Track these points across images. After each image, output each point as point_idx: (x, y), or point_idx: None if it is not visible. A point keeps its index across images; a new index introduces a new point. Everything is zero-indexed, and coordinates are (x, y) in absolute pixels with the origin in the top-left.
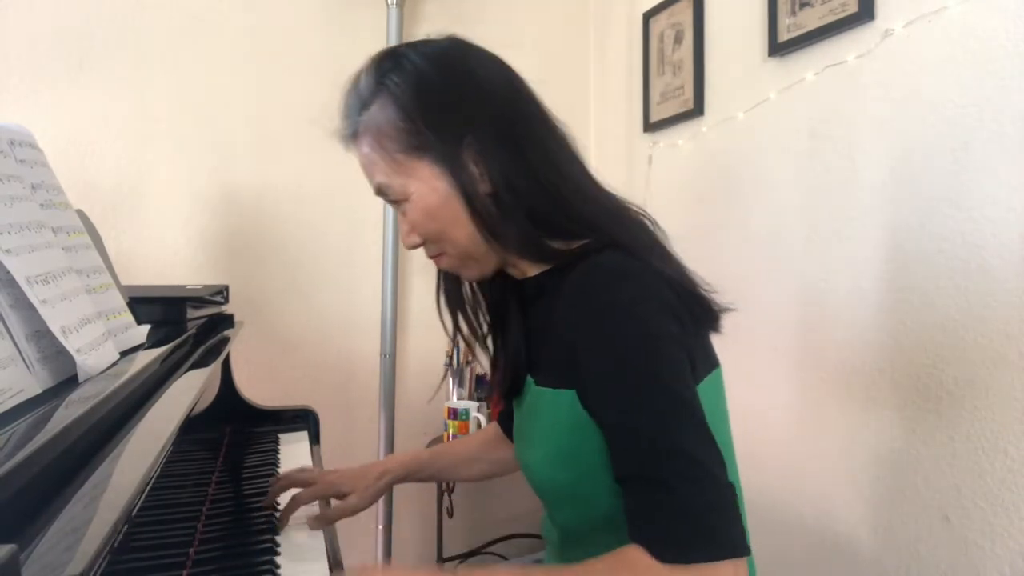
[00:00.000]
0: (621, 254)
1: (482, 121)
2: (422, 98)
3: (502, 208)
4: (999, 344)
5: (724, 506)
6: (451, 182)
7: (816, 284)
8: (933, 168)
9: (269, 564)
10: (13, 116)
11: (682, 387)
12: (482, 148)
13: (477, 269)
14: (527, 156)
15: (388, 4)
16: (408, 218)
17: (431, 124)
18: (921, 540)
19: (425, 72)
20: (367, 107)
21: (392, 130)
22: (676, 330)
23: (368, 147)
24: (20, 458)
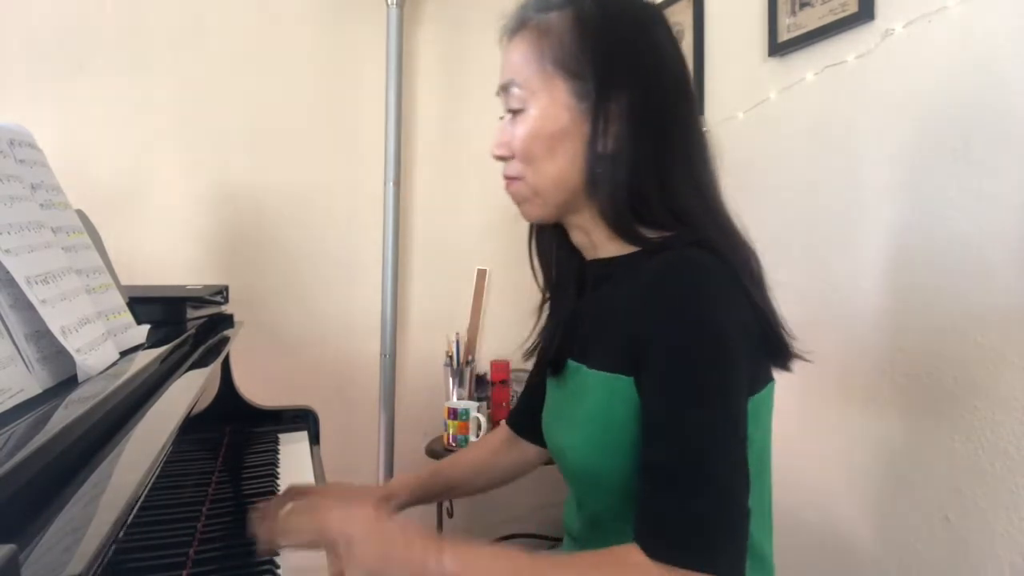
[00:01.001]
0: (706, 252)
1: (644, 87)
2: (604, 32)
3: (614, 169)
4: (999, 344)
5: (731, 526)
6: (582, 120)
7: (816, 284)
8: (933, 168)
9: (269, 564)
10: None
11: (734, 403)
12: (629, 110)
13: (540, 209)
14: (665, 138)
15: (388, 4)
16: (514, 129)
17: (598, 59)
18: (921, 540)
19: (620, 14)
20: (549, 9)
21: (559, 41)
22: (745, 344)
23: (525, 42)
24: (20, 458)
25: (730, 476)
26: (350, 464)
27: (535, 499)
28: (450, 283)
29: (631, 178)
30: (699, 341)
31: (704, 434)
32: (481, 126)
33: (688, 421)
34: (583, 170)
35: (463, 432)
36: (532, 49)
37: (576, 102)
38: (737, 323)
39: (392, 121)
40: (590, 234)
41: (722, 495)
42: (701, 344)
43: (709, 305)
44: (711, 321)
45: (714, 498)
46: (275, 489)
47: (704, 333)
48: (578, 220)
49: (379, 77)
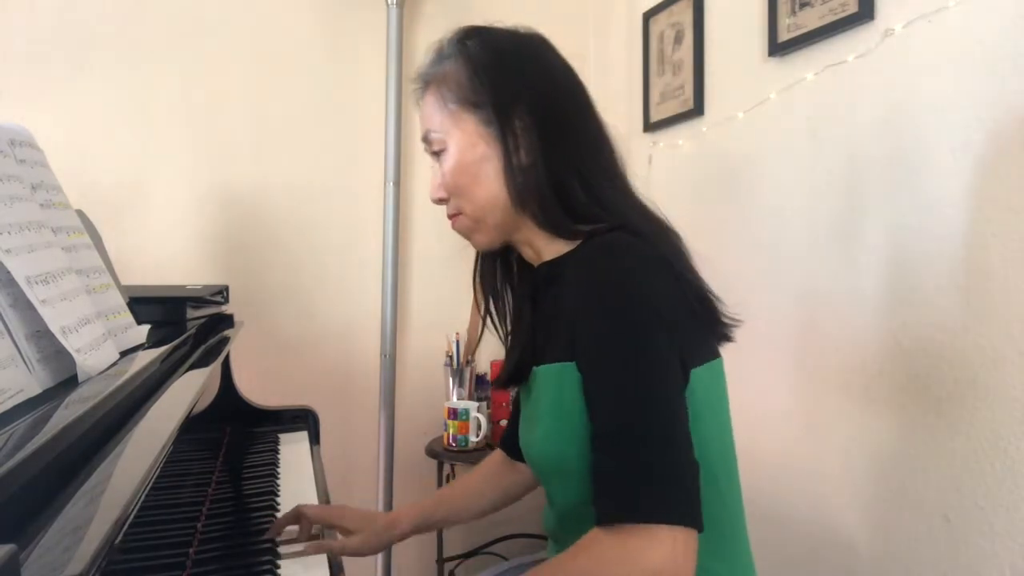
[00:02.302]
0: (631, 235)
1: (538, 98)
2: (492, 63)
3: (535, 178)
4: (999, 344)
5: (674, 475)
6: (492, 143)
7: (816, 284)
8: (933, 168)
9: (269, 564)
10: (13, 116)
11: (663, 363)
12: (531, 122)
13: (486, 235)
14: (571, 140)
15: (388, 4)
16: (442, 169)
17: (491, 85)
18: (921, 540)
19: (501, 44)
20: (443, 61)
21: (455, 83)
22: (669, 312)
23: (431, 95)
24: (20, 458)
25: (669, 432)
26: (350, 464)
27: (534, 499)
28: (450, 283)
29: (550, 178)
30: (620, 311)
31: (637, 396)
32: None
33: (621, 386)
34: (509, 188)
35: (463, 432)
36: (436, 99)
37: (484, 129)
38: (656, 295)
39: (392, 121)
40: (533, 244)
41: (662, 450)
42: (623, 313)
43: (628, 277)
44: (630, 292)
45: (656, 453)
46: (275, 489)
47: (624, 303)
48: (520, 236)
49: (379, 77)
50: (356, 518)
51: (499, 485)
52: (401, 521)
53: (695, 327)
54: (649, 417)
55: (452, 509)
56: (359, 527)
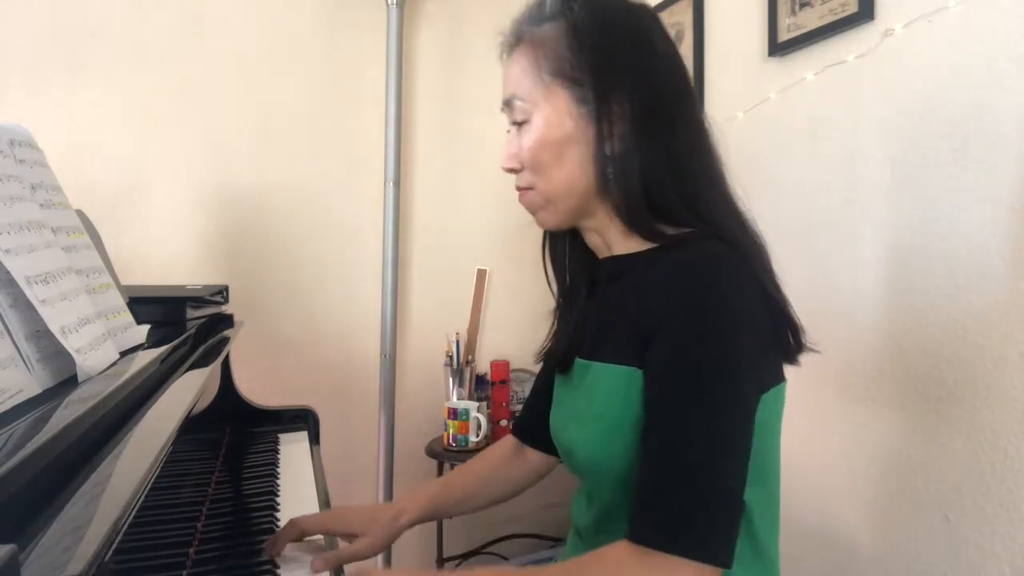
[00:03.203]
0: (726, 247)
1: (642, 86)
2: (598, 37)
3: (624, 169)
4: (999, 344)
5: (719, 516)
6: (584, 125)
7: (816, 284)
8: (933, 168)
9: (269, 564)
10: (13, 116)
11: (740, 397)
12: (630, 108)
13: (554, 216)
14: (670, 132)
15: (388, 4)
16: (520, 140)
17: (595, 63)
18: (921, 540)
19: (611, 17)
20: (543, 22)
21: (554, 51)
22: (756, 340)
23: (523, 56)
24: (20, 458)
25: (726, 471)
26: (350, 464)
27: (535, 499)
28: (450, 283)
29: (643, 175)
30: (708, 334)
31: (705, 428)
32: (481, 126)
33: (691, 414)
34: (593, 173)
35: (463, 432)
36: (529, 62)
37: (577, 108)
38: (749, 319)
39: (392, 121)
40: (604, 234)
41: (715, 489)
42: (711, 339)
43: (721, 299)
44: (722, 315)
45: (706, 491)
46: (275, 489)
47: (714, 326)
48: (591, 223)
49: (379, 77)
50: (358, 520)
51: (507, 475)
52: (406, 510)
53: (770, 349)
54: (710, 448)
55: (458, 497)
56: (363, 528)
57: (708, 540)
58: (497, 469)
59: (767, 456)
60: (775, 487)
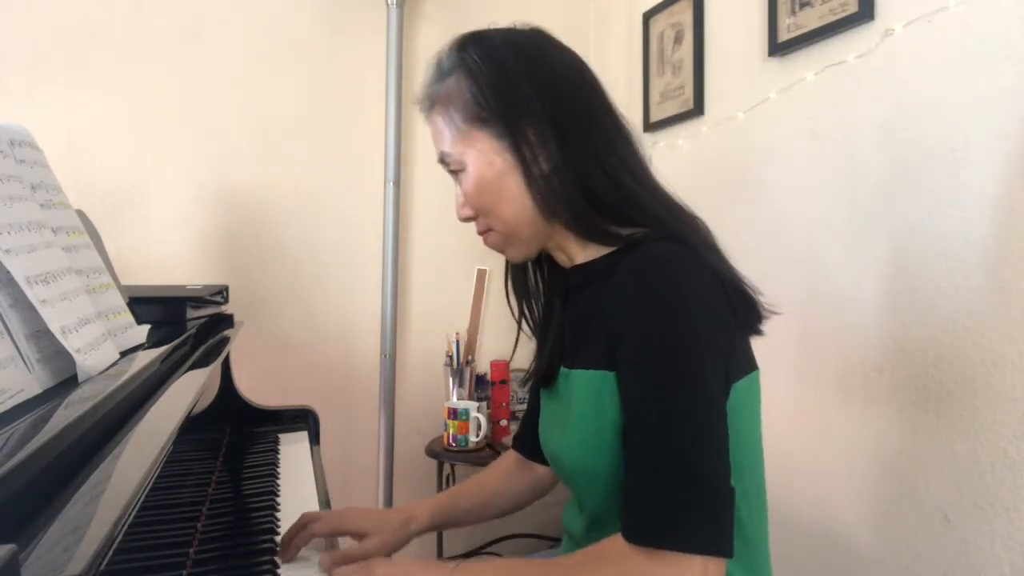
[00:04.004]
0: (677, 245)
1: (547, 102)
2: (495, 74)
3: (560, 184)
4: (999, 344)
5: (713, 504)
6: (509, 157)
7: (816, 284)
8: (933, 168)
9: (269, 564)
10: (13, 116)
11: (710, 386)
12: (545, 129)
13: (521, 249)
14: (589, 140)
15: (388, 4)
16: (463, 189)
17: (499, 98)
18: (921, 540)
19: (502, 52)
20: (444, 79)
21: (461, 100)
22: (718, 330)
23: (438, 115)
24: (20, 458)
25: (710, 458)
26: (350, 464)
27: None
28: (450, 283)
29: (575, 181)
30: (671, 330)
31: (682, 419)
32: None
33: (666, 408)
34: (535, 199)
35: (463, 432)
36: (444, 118)
37: (498, 143)
38: (708, 310)
39: (392, 121)
40: (566, 250)
41: (704, 477)
42: (673, 333)
43: (678, 295)
44: (680, 310)
45: (696, 480)
46: (275, 489)
47: (675, 322)
48: (554, 244)
49: (379, 77)
50: (368, 520)
51: (514, 487)
52: (417, 517)
53: (739, 337)
54: (691, 439)
55: (467, 508)
56: (374, 528)
57: (709, 532)
58: (503, 483)
59: (749, 447)
60: (760, 479)
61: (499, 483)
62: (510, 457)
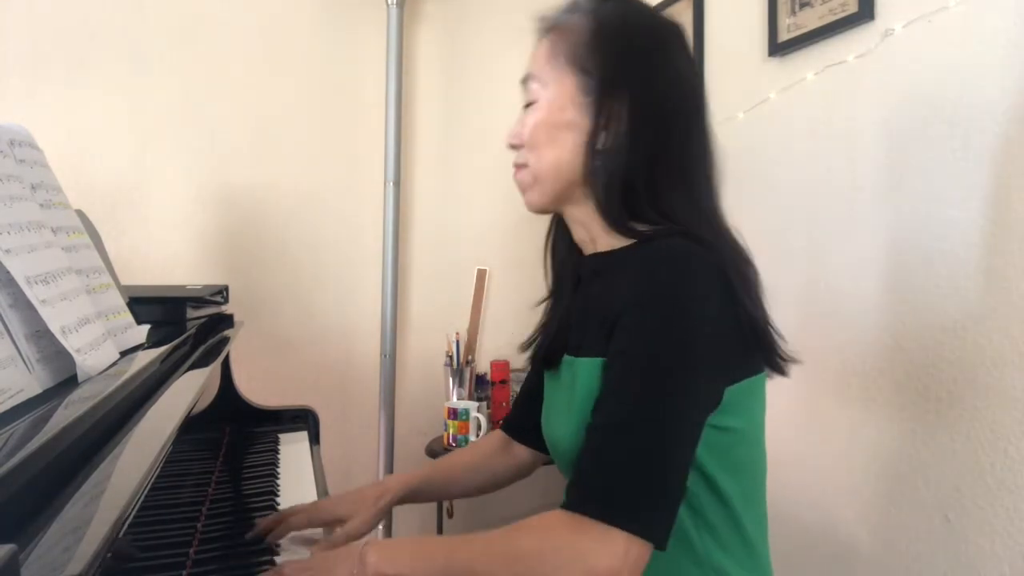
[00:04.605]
0: (693, 244)
1: (647, 92)
2: (617, 38)
3: (610, 165)
4: (999, 344)
5: (655, 491)
6: (583, 113)
7: (816, 284)
8: (933, 168)
9: (269, 564)
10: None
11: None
12: (629, 112)
13: (539, 197)
14: (661, 147)
15: (388, 4)
16: (526, 119)
17: (607, 60)
18: (921, 540)
19: (635, 23)
20: (574, 13)
21: (574, 40)
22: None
23: (548, 42)
24: (20, 458)
25: (670, 450)
26: (350, 464)
27: (535, 499)
28: (450, 283)
29: (625, 173)
30: (665, 321)
31: (654, 406)
32: (481, 126)
33: (642, 393)
34: (581, 162)
35: (463, 432)
36: (551, 47)
37: (581, 96)
38: (709, 309)
39: (392, 121)
40: (589, 229)
41: (656, 464)
42: (668, 325)
43: (681, 289)
44: (681, 303)
45: (646, 465)
46: (275, 489)
47: (673, 314)
48: (578, 214)
49: (379, 77)
50: (343, 505)
51: (491, 468)
52: (390, 489)
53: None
54: (658, 430)
55: (442, 482)
56: (350, 511)
57: (644, 515)
58: (483, 461)
59: (751, 447)
60: (761, 480)
61: (480, 461)
62: (494, 437)
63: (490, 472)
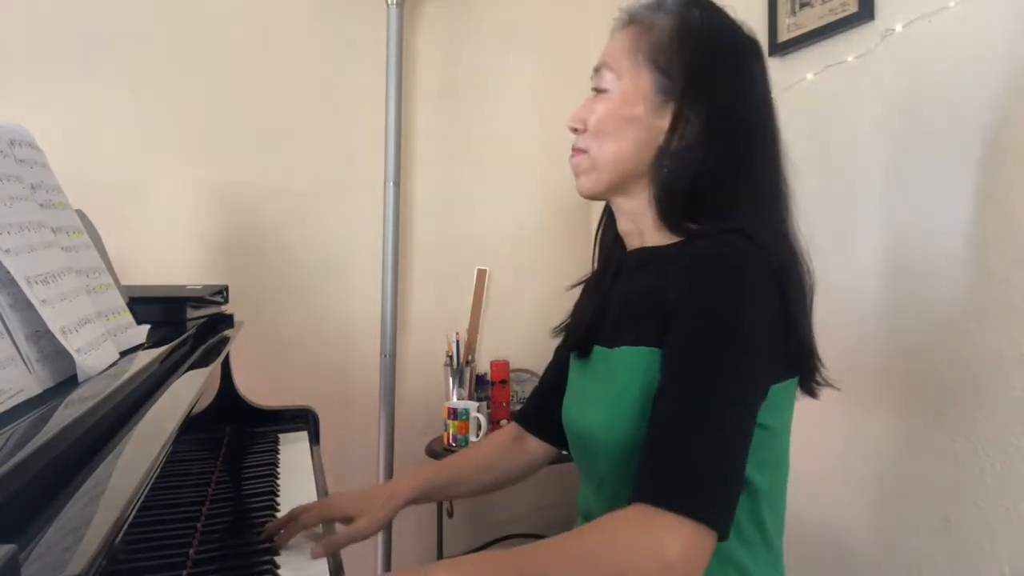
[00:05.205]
0: (746, 241)
1: (723, 107)
2: (703, 44)
3: (679, 168)
4: (999, 344)
5: (721, 482)
6: (655, 114)
7: (816, 284)
8: (933, 168)
9: (269, 564)
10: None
11: (747, 376)
12: (703, 122)
13: (594, 184)
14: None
15: (388, 4)
16: (594, 105)
17: (690, 66)
18: (921, 540)
19: (723, 35)
20: (658, 11)
21: (659, 39)
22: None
23: (629, 35)
24: (20, 458)
25: (734, 438)
26: (350, 464)
27: (535, 499)
28: (450, 283)
29: (692, 180)
30: (722, 315)
31: (716, 396)
32: (482, 126)
33: (703, 384)
34: (647, 159)
35: (463, 432)
36: (632, 41)
37: (655, 95)
38: (762, 305)
39: (392, 121)
40: (638, 221)
41: (722, 454)
42: (726, 316)
43: (737, 282)
44: (737, 297)
45: (714, 454)
46: (275, 489)
47: (730, 307)
48: (629, 206)
49: (379, 77)
50: (353, 503)
51: (503, 464)
52: (402, 490)
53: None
54: (719, 420)
55: (453, 480)
56: (359, 510)
57: (710, 504)
58: (494, 458)
59: (779, 447)
60: (783, 479)
61: (489, 460)
62: (506, 432)
63: (500, 470)
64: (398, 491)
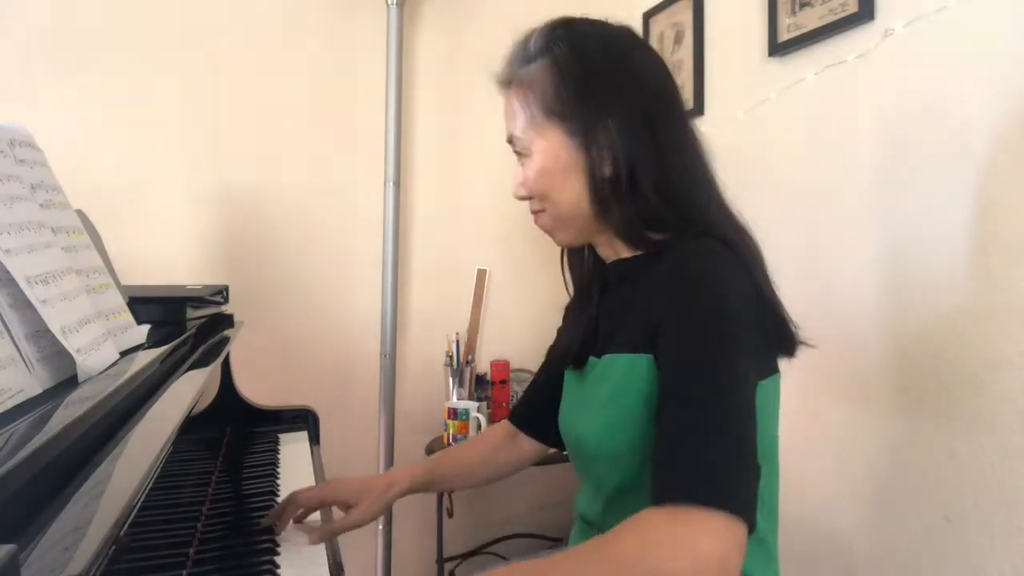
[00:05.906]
0: (719, 243)
1: (627, 109)
2: (580, 72)
3: (618, 193)
4: (999, 344)
5: (741, 471)
6: (577, 155)
7: (815, 284)
8: (933, 168)
9: (269, 564)
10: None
11: (742, 367)
12: (618, 134)
13: (568, 235)
14: (661, 153)
15: (388, 4)
16: (525, 171)
17: (578, 97)
18: (921, 540)
19: (590, 49)
20: (528, 63)
21: (541, 90)
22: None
23: (516, 98)
24: (20, 458)
25: (742, 426)
26: (350, 464)
27: (535, 499)
28: (450, 283)
29: (634, 192)
30: (712, 315)
31: (720, 392)
32: (481, 126)
33: (705, 381)
34: (590, 198)
35: (463, 432)
36: (521, 103)
37: (568, 140)
38: (745, 303)
39: (392, 121)
40: (613, 246)
41: (736, 445)
42: (714, 317)
43: (720, 284)
44: (719, 299)
45: (726, 446)
46: (275, 489)
47: (716, 308)
48: (602, 239)
49: (379, 77)
50: (351, 491)
51: (496, 459)
52: (398, 482)
53: (764, 340)
54: (726, 414)
55: (451, 474)
56: (357, 498)
57: (736, 493)
58: (488, 454)
59: (767, 444)
60: (774, 477)
61: (483, 455)
62: (500, 429)
63: (495, 464)
64: (396, 481)
